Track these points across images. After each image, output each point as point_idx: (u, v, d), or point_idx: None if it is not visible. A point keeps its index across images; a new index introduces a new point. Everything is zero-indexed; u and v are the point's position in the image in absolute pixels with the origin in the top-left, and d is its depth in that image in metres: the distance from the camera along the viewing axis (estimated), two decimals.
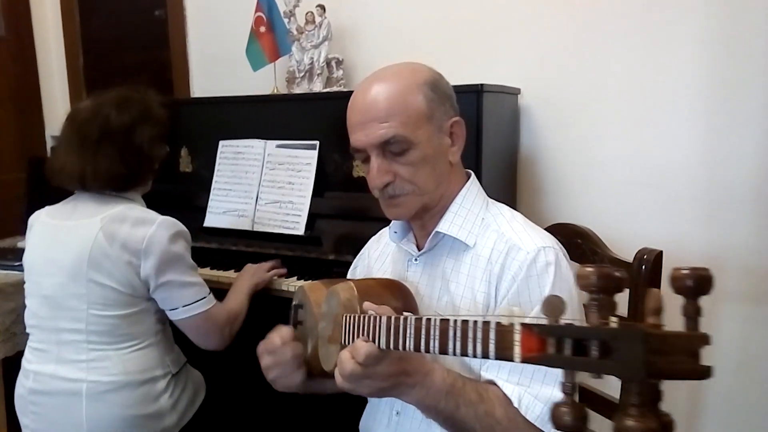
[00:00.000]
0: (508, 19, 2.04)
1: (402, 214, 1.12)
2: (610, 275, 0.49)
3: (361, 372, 0.88)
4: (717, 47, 1.78)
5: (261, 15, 2.15)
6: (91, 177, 1.51)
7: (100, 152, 1.51)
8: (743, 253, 1.81)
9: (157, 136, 1.60)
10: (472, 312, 1.06)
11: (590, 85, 1.95)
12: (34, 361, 1.54)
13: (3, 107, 2.84)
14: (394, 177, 1.07)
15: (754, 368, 1.82)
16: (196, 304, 1.53)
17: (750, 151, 1.77)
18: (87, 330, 1.48)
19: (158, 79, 2.73)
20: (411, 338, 0.79)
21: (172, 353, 1.63)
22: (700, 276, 0.48)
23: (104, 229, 1.47)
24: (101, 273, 1.47)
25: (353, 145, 1.09)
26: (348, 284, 1.01)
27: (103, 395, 1.48)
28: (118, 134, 1.52)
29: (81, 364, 1.49)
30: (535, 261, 1.02)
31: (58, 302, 1.50)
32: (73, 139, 1.54)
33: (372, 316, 0.88)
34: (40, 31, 2.96)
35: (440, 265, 1.12)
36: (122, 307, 1.50)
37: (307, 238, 1.90)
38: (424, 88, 1.07)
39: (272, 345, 1.14)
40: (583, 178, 2.00)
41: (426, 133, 1.06)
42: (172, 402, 1.57)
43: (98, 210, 1.51)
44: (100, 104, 1.56)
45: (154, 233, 1.47)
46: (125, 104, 1.56)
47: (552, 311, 0.53)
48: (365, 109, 1.07)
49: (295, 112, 2.05)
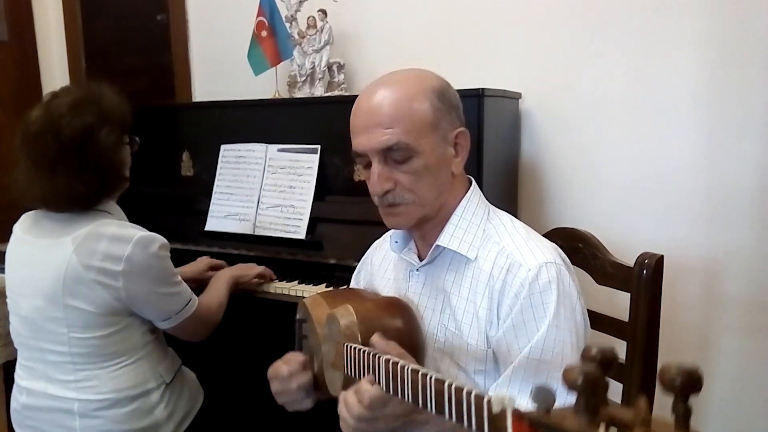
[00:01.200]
0: (508, 23, 2.05)
1: (401, 224, 1.10)
2: (597, 380, 0.48)
3: (368, 415, 0.87)
4: (718, 52, 1.78)
5: (263, 19, 2.15)
6: (53, 200, 1.40)
7: (57, 172, 1.37)
8: (744, 258, 1.81)
9: (117, 139, 1.45)
10: (474, 327, 1.04)
11: (591, 89, 1.95)
12: (26, 378, 1.50)
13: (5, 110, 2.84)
14: (394, 185, 1.04)
15: (757, 373, 1.82)
16: (185, 309, 1.50)
17: (751, 156, 1.77)
18: (71, 352, 1.42)
19: (160, 83, 2.74)
20: (409, 390, 0.79)
21: (165, 361, 1.57)
22: (689, 376, 0.47)
23: (77, 252, 1.37)
24: (78, 298, 1.39)
25: (355, 149, 1.07)
26: (347, 309, 1.00)
27: (96, 412, 1.44)
28: (71, 149, 1.38)
29: (69, 384, 1.44)
30: (537, 278, 1.00)
31: (37, 324, 1.44)
32: (28, 155, 1.41)
33: (374, 354, 0.87)
34: (43, 34, 2.96)
35: (441, 277, 1.11)
36: (103, 328, 1.42)
37: (308, 242, 1.90)
38: (431, 96, 1.04)
39: (280, 374, 1.15)
40: (585, 183, 2.00)
41: (430, 142, 1.03)
42: (167, 413, 1.53)
43: (68, 228, 1.40)
44: (49, 113, 1.41)
45: (132, 253, 1.37)
46: (77, 108, 1.41)
47: (542, 402, 0.53)
48: (369, 113, 1.04)
49: (296, 117, 2.05)
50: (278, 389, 1.16)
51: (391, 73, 1.10)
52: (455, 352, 1.06)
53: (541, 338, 0.98)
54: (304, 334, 1.22)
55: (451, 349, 1.07)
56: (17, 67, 2.88)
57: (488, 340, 1.04)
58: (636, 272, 1.34)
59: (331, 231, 1.90)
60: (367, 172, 1.08)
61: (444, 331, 1.08)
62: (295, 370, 1.15)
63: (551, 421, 0.51)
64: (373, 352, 0.88)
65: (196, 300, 1.55)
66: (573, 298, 1.02)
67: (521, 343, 0.99)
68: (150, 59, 2.81)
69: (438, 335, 1.09)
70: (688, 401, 0.46)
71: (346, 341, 0.96)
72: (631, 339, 1.37)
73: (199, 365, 1.75)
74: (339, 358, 0.98)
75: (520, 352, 0.99)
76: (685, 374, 0.46)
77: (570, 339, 0.99)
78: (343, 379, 0.97)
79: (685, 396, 0.46)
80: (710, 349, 1.89)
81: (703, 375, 0.46)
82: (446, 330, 1.08)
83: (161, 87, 2.71)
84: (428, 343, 1.09)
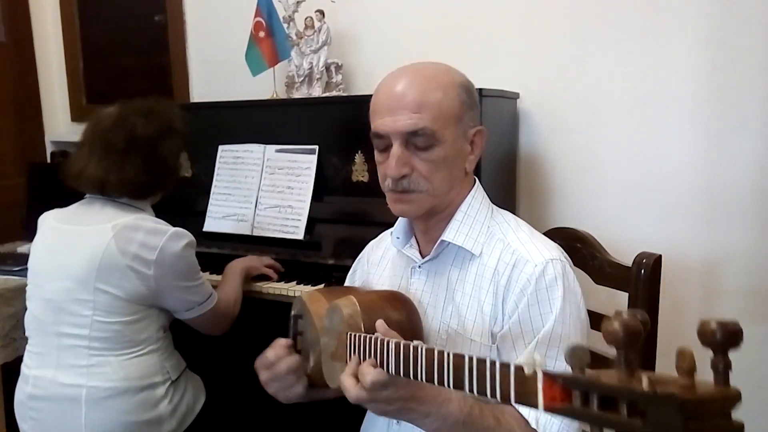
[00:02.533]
0: (506, 23, 2.05)
1: (410, 212, 1.09)
2: (636, 331, 0.47)
3: (366, 397, 0.87)
4: (716, 52, 1.79)
5: (260, 20, 2.15)
6: (113, 183, 1.52)
7: (127, 160, 1.53)
8: (742, 257, 1.81)
9: (180, 149, 1.64)
10: (478, 323, 1.04)
11: (589, 89, 1.95)
12: (34, 366, 1.54)
13: (3, 112, 2.84)
14: (411, 170, 1.03)
15: (756, 371, 1.82)
16: (207, 302, 1.60)
17: (749, 156, 1.77)
18: (90, 336, 1.48)
19: (158, 84, 2.74)
20: (422, 369, 0.78)
21: (173, 359, 1.63)
22: (729, 331, 0.46)
23: (116, 238, 1.47)
24: (110, 283, 1.47)
25: (376, 130, 1.05)
26: (350, 299, 0.99)
27: (103, 401, 1.48)
28: (144, 144, 1.55)
29: (81, 369, 1.49)
30: (544, 274, 1.00)
31: (60, 306, 1.49)
32: (97, 144, 1.55)
33: (380, 339, 0.87)
34: (40, 36, 2.96)
35: (445, 273, 1.10)
36: (127, 314, 1.50)
37: (307, 243, 1.90)
38: (459, 90, 1.05)
39: (267, 360, 1.13)
40: (582, 183, 2.00)
41: (452, 134, 1.04)
42: (171, 408, 1.57)
43: (110, 217, 1.52)
44: (125, 113, 1.57)
45: (166, 244, 1.49)
46: (151, 115, 1.58)
47: (577, 362, 0.51)
48: (398, 95, 1.03)
49: (294, 117, 2.05)
50: (267, 377, 1.13)
51: (419, 62, 1.10)
52: (458, 349, 1.05)
53: (547, 334, 0.98)
54: (300, 330, 1.21)
55: (453, 346, 1.06)
56: (15, 69, 2.88)
57: (492, 336, 1.04)
58: (634, 272, 1.34)
59: (330, 231, 1.90)
60: (383, 155, 1.06)
61: (446, 328, 1.08)
62: (282, 353, 1.13)
63: (587, 380, 0.49)
64: (380, 338, 0.87)
65: (216, 295, 1.64)
66: (577, 295, 1.03)
67: (527, 338, 0.99)
68: (147, 60, 2.81)
69: (440, 332, 1.09)
70: (727, 356, 0.46)
71: (348, 330, 0.95)
72: None
73: (199, 365, 1.75)
74: (341, 348, 0.97)
75: (525, 348, 0.99)
76: (725, 328, 0.46)
77: (575, 334, 0.99)
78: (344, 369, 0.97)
79: (724, 351, 0.46)
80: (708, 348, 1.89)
81: None
82: (448, 327, 1.08)
83: (159, 88, 2.71)
84: (430, 340, 1.08)
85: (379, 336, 0.88)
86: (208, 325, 1.65)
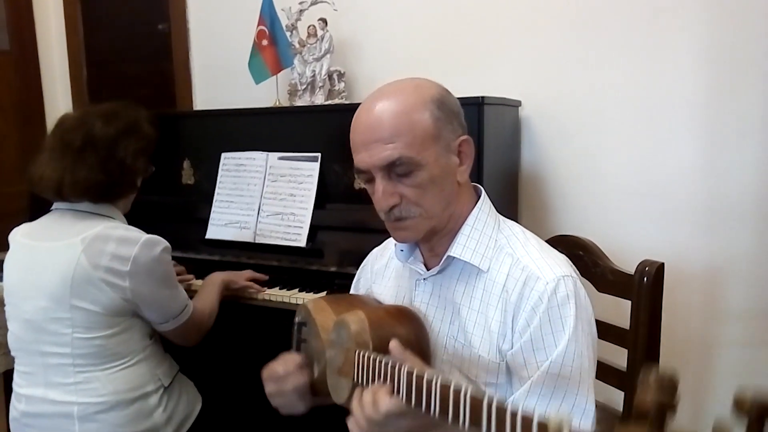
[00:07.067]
0: (508, 31, 2.06)
1: (409, 238, 1.07)
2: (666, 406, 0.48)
3: (379, 422, 0.86)
4: (717, 59, 1.79)
5: (263, 28, 2.16)
6: (68, 186, 1.46)
7: (81, 160, 1.46)
8: (744, 264, 1.81)
9: (141, 150, 1.56)
10: (486, 339, 1.03)
11: (591, 96, 1.96)
12: (24, 385, 1.51)
13: (6, 119, 2.85)
14: (400, 199, 1.02)
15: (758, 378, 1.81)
16: (183, 314, 1.55)
17: (750, 162, 1.78)
18: (73, 354, 1.45)
19: (161, 92, 2.75)
20: (437, 405, 0.75)
21: (164, 365, 1.59)
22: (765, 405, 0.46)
23: (86, 252, 1.42)
24: (85, 298, 1.42)
25: (357, 166, 1.05)
26: (358, 315, 0.98)
27: (95, 416, 1.45)
28: (101, 144, 1.49)
29: (69, 387, 1.46)
30: (556, 292, 0.98)
31: (40, 326, 1.46)
32: (56, 146, 1.50)
33: (392, 364, 0.85)
34: (44, 43, 2.97)
35: (451, 288, 1.08)
36: (107, 328, 1.46)
37: (309, 250, 1.90)
38: (430, 106, 1.01)
39: (275, 374, 1.14)
40: (585, 190, 2.00)
41: (433, 153, 1.01)
42: (166, 416, 1.54)
43: (79, 230, 1.45)
44: (87, 114, 1.54)
45: (139, 253, 1.43)
46: (113, 116, 1.53)
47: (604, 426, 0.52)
48: (369, 128, 1.02)
49: (297, 125, 2.06)
50: (273, 390, 1.14)
51: (388, 85, 1.07)
52: (465, 364, 1.05)
53: (561, 353, 0.96)
54: (303, 337, 1.20)
55: (460, 360, 1.05)
56: (19, 76, 2.89)
57: (500, 352, 1.02)
58: (637, 279, 1.34)
59: (332, 239, 1.90)
60: (371, 187, 1.05)
61: (453, 342, 1.06)
62: (292, 370, 1.13)
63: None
64: (392, 362, 0.86)
65: (191, 306, 1.59)
66: (589, 311, 1.01)
67: (539, 357, 0.97)
68: (151, 68, 2.82)
69: (447, 346, 1.07)
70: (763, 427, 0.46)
71: (357, 348, 0.94)
72: (632, 346, 1.37)
73: (200, 373, 1.75)
74: (348, 365, 0.96)
75: (538, 367, 0.97)
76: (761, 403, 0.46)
77: (587, 353, 0.98)
78: (351, 386, 0.95)
79: (760, 423, 0.46)
80: (711, 356, 1.88)
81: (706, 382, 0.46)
82: (455, 341, 1.06)
83: (162, 95, 2.72)
84: (436, 355, 1.07)
85: (390, 359, 0.86)
86: (180, 337, 1.59)
